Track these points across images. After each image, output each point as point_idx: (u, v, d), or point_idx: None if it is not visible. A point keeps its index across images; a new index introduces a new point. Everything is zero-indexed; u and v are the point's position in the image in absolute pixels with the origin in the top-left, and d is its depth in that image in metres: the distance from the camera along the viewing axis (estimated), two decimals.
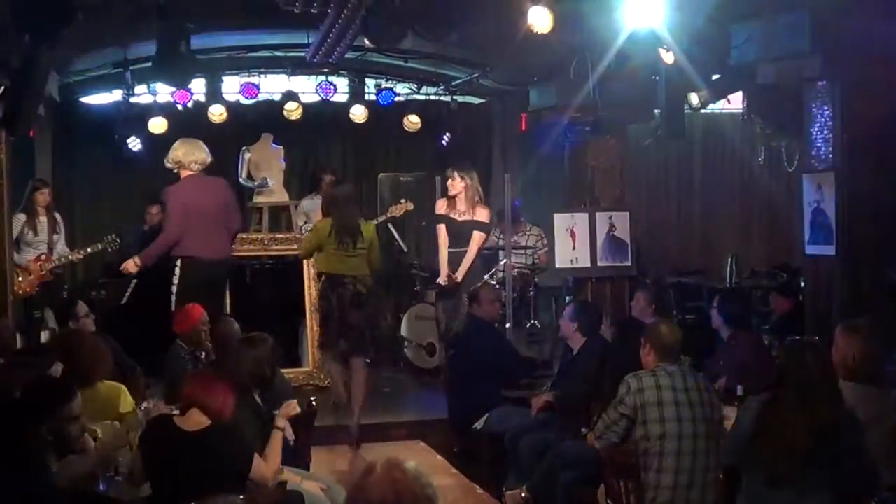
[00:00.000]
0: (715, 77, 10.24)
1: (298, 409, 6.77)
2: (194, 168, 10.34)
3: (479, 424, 8.86)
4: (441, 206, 10.65)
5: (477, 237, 10.39)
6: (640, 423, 6.43)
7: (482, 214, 10.46)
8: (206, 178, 10.46)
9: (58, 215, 11.94)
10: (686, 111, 10.99)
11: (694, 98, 11.36)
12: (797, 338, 6.86)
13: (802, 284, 11.02)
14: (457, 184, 10.42)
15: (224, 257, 10.36)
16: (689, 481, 6.34)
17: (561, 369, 9.10)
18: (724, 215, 15.67)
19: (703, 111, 12.96)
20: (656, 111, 10.98)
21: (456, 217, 10.47)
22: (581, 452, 7.33)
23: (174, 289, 10.24)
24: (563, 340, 9.12)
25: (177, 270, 10.31)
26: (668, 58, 9.41)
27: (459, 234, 10.44)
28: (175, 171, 10.45)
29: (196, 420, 5.74)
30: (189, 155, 10.33)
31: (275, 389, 7.07)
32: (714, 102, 12.48)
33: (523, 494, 8.02)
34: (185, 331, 8.84)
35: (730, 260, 13.93)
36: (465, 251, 10.37)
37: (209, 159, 10.56)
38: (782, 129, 11.28)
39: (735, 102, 13.21)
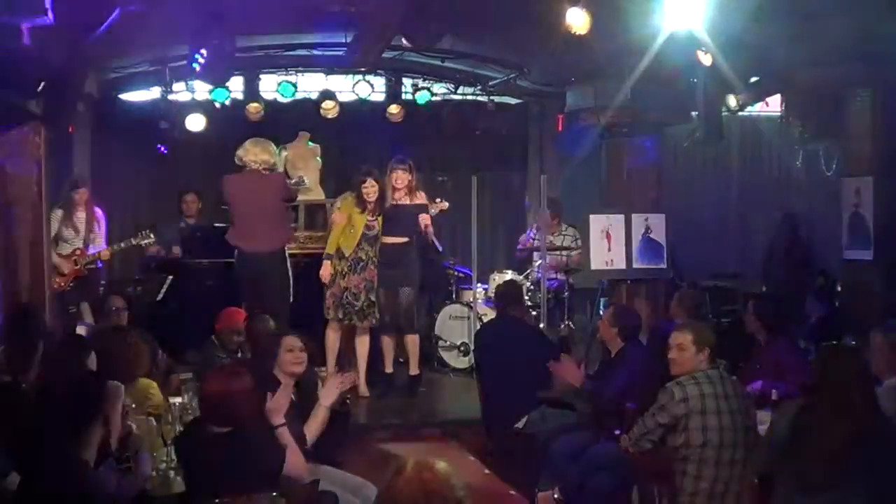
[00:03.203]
0: (753, 80, 10.19)
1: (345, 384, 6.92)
2: (255, 167, 10.70)
3: (520, 424, 8.84)
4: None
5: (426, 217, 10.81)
6: (682, 431, 6.40)
7: (421, 197, 10.97)
8: (265, 175, 10.75)
9: (99, 211, 11.99)
10: (724, 114, 10.94)
11: (732, 101, 11.31)
12: (833, 342, 6.81)
13: (839, 289, 10.96)
14: (405, 177, 10.89)
15: (271, 251, 10.58)
16: (724, 489, 6.32)
17: (598, 370, 9.06)
18: (761, 219, 15.57)
19: (740, 114, 12.89)
20: (694, 113, 10.93)
21: (394, 203, 10.91)
22: (614, 456, 7.30)
23: None
24: (601, 342, 9.08)
25: None
26: (706, 60, 9.38)
27: (397, 217, 10.85)
28: (241, 165, 10.79)
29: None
30: (252, 154, 10.72)
31: (305, 385, 7.10)
32: (752, 105, 12.42)
33: (556, 496, 8.00)
34: (224, 331, 8.96)
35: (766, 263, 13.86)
36: (402, 241, 10.86)
37: (272, 160, 10.92)
38: (821, 133, 11.23)
39: (773, 105, 13.14)
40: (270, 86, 14.12)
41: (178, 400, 6.90)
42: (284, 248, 10.71)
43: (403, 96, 14.59)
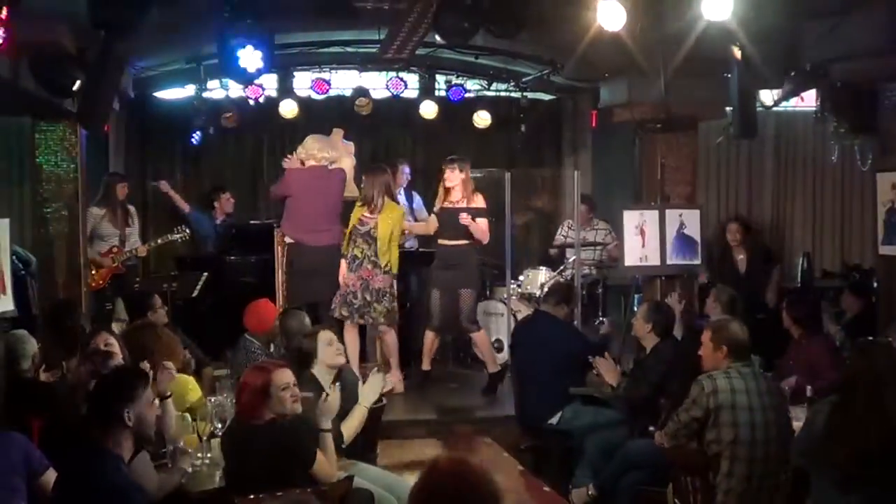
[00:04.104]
0: (788, 75, 10.14)
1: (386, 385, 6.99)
2: (323, 163, 10.84)
3: (554, 420, 8.84)
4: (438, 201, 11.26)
5: (482, 222, 10.88)
6: (712, 426, 6.39)
7: (479, 200, 10.97)
8: (330, 170, 10.89)
9: (132, 208, 12.10)
10: (758, 109, 10.88)
11: (766, 96, 11.24)
12: (869, 338, 6.77)
13: (875, 284, 10.90)
14: (455, 175, 10.89)
15: (330, 245, 10.73)
16: (758, 486, 6.30)
17: (633, 368, 9.05)
18: (796, 214, 15.47)
19: (775, 109, 12.82)
20: (728, 109, 10.88)
21: (449, 206, 10.97)
22: (649, 451, 7.30)
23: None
24: (636, 339, 9.08)
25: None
26: (740, 55, 9.33)
27: (452, 220, 10.89)
28: (302, 160, 10.90)
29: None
30: (323, 151, 10.87)
31: (344, 382, 7.13)
32: (787, 100, 12.35)
33: (590, 492, 8.01)
34: (261, 330, 8.99)
35: (801, 259, 13.79)
36: (460, 243, 10.96)
37: (337, 155, 10.99)
38: (856, 128, 11.12)
39: (808, 100, 13.06)
40: (304, 83, 14.16)
41: (213, 398, 6.93)
42: (340, 244, 10.78)
43: (437, 93, 14.60)
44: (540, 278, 12.57)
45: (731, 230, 12.12)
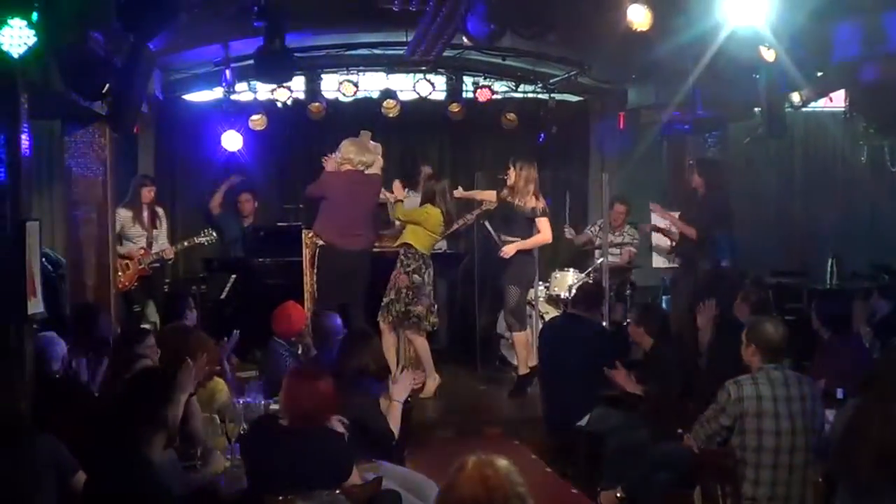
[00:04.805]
0: (818, 75, 10.10)
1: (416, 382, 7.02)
2: (360, 167, 10.89)
3: (582, 422, 8.82)
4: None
5: (541, 223, 11.12)
6: (738, 432, 6.34)
7: (534, 203, 11.11)
8: (368, 175, 10.94)
9: (160, 210, 12.13)
10: (787, 109, 10.85)
11: (795, 96, 11.22)
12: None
13: None
14: (510, 173, 11.12)
15: (365, 249, 10.89)
16: (786, 493, 6.24)
17: (640, 371, 9.03)
18: (825, 215, 15.41)
19: (804, 109, 12.78)
20: (757, 110, 10.84)
21: (509, 200, 11.15)
22: (677, 454, 7.26)
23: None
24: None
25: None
26: (768, 55, 9.30)
27: (503, 215, 11.20)
28: (340, 165, 10.95)
29: None
30: (360, 155, 10.92)
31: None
32: (816, 101, 12.31)
33: (618, 495, 7.99)
34: (290, 333, 8.99)
35: (830, 261, 13.72)
36: (512, 240, 11.10)
37: (372, 158, 11.03)
38: (885, 128, 11.10)
39: (837, 101, 13.01)
40: (332, 85, 14.16)
41: (241, 399, 6.94)
42: (371, 250, 10.91)
43: (464, 94, 14.58)
44: (568, 280, 12.54)
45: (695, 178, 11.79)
